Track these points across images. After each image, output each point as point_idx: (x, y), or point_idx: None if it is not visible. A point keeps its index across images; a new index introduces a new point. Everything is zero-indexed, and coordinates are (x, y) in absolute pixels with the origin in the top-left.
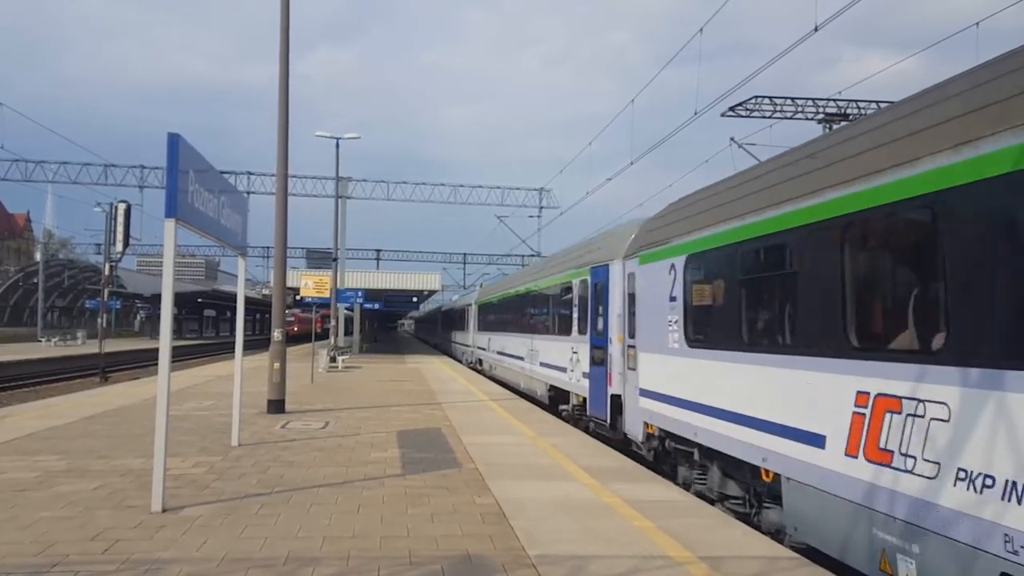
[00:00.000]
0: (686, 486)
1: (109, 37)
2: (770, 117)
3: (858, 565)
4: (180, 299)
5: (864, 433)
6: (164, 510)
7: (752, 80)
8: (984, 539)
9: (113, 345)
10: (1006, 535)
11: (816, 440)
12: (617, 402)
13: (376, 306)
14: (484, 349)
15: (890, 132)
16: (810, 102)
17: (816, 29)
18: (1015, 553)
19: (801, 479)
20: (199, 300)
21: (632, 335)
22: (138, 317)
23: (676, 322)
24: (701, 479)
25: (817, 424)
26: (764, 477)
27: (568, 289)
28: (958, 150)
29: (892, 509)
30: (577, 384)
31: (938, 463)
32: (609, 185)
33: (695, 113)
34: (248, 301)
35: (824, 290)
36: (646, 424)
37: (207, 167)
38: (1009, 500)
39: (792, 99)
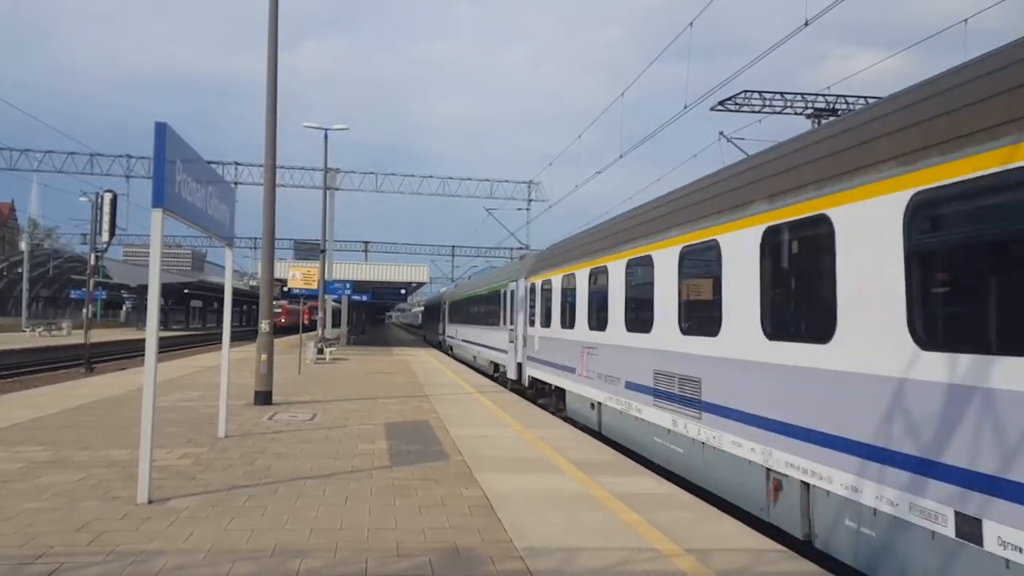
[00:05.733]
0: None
1: (97, 25)
2: (759, 111)
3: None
4: (167, 290)
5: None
6: (150, 501)
7: (742, 76)
8: (597, 392)
9: (99, 335)
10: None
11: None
12: (522, 367)
13: (364, 298)
14: (453, 337)
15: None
16: (799, 97)
17: (807, 23)
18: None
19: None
20: (186, 291)
21: (526, 324)
22: (124, 307)
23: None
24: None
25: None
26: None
27: (498, 297)
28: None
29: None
30: (504, 358)
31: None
32: (598, 178)
33: (684, 107)
34: (235, 292)
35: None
36: (530, 376)
37: (194, 157)
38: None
39: (781, 94)
